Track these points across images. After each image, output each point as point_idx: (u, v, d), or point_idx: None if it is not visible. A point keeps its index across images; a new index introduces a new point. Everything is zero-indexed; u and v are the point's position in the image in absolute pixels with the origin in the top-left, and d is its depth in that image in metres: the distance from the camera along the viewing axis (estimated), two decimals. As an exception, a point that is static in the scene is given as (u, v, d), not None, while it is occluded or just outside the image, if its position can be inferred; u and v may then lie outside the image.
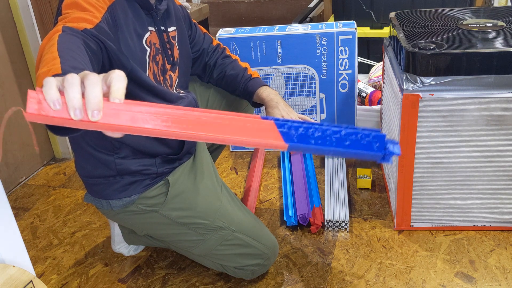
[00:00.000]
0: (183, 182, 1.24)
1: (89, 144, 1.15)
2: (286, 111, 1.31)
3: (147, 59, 1.12)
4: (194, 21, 1.38)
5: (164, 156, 1.21)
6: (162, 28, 1.18)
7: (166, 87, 1.21)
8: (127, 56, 1.04)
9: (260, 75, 1.89)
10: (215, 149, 1.62)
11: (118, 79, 0.53)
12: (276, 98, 1.34)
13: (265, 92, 1.36)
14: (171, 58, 1.22)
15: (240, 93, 1.42)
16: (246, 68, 1.42)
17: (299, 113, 1.95)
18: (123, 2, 1.06)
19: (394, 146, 0.59)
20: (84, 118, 0.52)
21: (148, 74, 1.13)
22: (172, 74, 1.25)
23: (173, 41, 1.23)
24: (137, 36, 1.09)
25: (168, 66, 1.21)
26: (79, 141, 1.17)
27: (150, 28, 1.13)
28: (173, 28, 1.23)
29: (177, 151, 1.25)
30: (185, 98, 1.23)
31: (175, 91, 1.25)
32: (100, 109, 0.52)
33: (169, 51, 1.21)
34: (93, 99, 0.51)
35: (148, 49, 1.12)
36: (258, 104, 1.41)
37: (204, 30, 1.42)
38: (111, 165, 1.17)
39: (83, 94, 0.52)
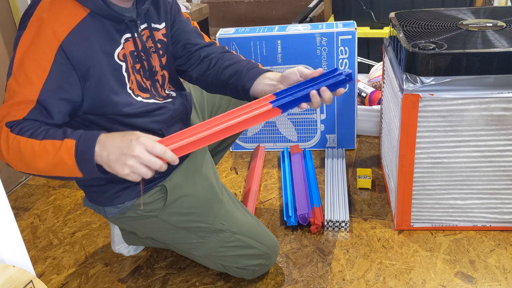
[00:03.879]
0: (182, 187, 1.22)
1: None
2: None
3: (125, 74, 1.08)
4: (186, 16, 1.30)
5: None
6: (144, 26, 1.13)
7: (154, 89, 1.17)
8: (96, 86, 1.03)
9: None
10: (217, 152, 1.61)
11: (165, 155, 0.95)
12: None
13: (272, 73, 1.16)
14: (159, 59, 1.18)
15: (240, 82, 1.18)
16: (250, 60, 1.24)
17: (299, 113, 1.95)
18: (84, 25, 1.00)
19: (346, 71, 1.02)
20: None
21: (131, 87, 1.10)
22: (165, 72, 1.21)
23: (164, 39, 1.19)
24: (106, 55, 1.04)
25: (158, 68, 1.18)
26: None
27: (126, 36, 1.08)
28: (163, 24, 1.19)
29: None
30: (169, 106, 1.18)
31: (166, 92, 1.22)
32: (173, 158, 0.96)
33: (159, 51, 1.17)
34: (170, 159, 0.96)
35: (123, 64, 1.07)
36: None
37: (195, 24, 1.31)
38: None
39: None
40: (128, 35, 1.08)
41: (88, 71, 1.01)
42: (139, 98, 1.12)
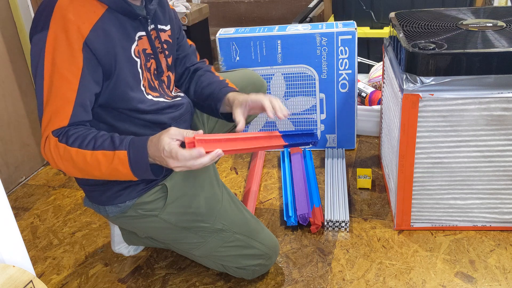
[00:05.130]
0: (182, 186, 1.23)
1: None
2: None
3: (140, 70, 1.11)
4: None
5: None
6: (152, 26, 1.15)
7: (162, 89, 1.20)
8: (115, 81, 1.06)
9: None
10: None
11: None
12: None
13: (238, 94, 1.22)
14: (166, 60, 1.20)
15: (212, 102, 1.26)
16: (224, 79, 1.31)
17: (299, 114, 1.95)
18: (104, 19, 1.03)
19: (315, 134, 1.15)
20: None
21: (144, 84, 1.13)
22: (170, 74, 1.24)
23: (170, 40, 1.22)
24: (124, 51, 1.06)
25: (164, 68, 1.20)
26: None
27: (140, 33, 1.11)
28: (168, 26, 1.22)
29: None
30: (179, 104, 1.22)
31: (173, 93, 1.25)
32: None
33: (165, 52, 1.20)
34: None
35: (138, 60, 1.10)
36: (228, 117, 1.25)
37: (191, 42, 1.40)
38: None
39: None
40: (142, 32, 1.12)
41: (110, 66, 1.04)
42: (149, 97, 1.15)
